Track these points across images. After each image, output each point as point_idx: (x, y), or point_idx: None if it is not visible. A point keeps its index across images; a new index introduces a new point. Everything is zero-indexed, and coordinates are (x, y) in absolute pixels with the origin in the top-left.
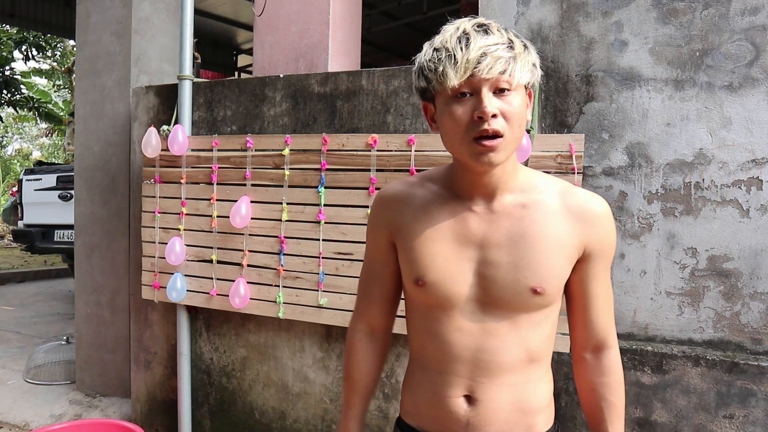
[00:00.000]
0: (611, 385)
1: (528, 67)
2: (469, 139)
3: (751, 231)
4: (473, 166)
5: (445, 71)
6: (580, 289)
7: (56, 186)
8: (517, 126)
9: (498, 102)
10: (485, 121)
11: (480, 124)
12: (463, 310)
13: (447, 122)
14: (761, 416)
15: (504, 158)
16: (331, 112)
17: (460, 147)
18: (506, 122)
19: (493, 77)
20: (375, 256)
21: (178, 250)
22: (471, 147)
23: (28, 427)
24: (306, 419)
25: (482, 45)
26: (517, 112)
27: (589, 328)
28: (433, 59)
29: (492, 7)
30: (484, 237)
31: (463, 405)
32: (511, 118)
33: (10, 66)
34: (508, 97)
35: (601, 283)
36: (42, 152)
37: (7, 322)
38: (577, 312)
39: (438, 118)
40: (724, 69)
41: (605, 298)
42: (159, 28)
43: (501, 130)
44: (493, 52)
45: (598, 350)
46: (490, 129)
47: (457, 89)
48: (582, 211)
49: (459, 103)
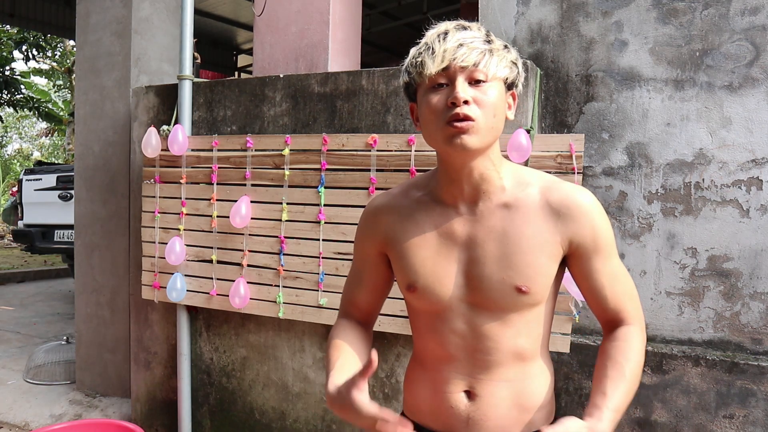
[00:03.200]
0: (621, 347)
1: (505, 62)
2: (442, 123)
3: (751, 231)
4: (449, 153)
5: (423, 61)
6: (584, 283)
7: (56, 186)
8: (491, 115)
9: (472, 91)
10: (457, 106)
11: (452, 109)
12: (456, 312)
13: (425, 111)
14: (761, 416)
15: (478, 144)
16: (331, 112)
17: (435, 133)
18: (480, 109)
19: (468, 66)
20: (362, 266)
21: (178, 250)
22: (444, 130)
23: (28, 427)
24: (306, 419)
25: (460, 37)
26: (492, 101)
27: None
28: (414, 56)
29: (492, 7)
30: (469, 238)
31: (464, 400)
32: (485, 106)
33: (10, 66)
34: (484, 87)
35: (604, 273)
36: (42, 152)
37: (7, 322)
38: (590, 302)
39: (419, 111)
40: (724, 69)
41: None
42: (159, 28)
43: (472, 115)
44: (469, 43)
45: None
46: (461, 113)
47: (434, 79)
48: (563, 205)
49: (436, 93)
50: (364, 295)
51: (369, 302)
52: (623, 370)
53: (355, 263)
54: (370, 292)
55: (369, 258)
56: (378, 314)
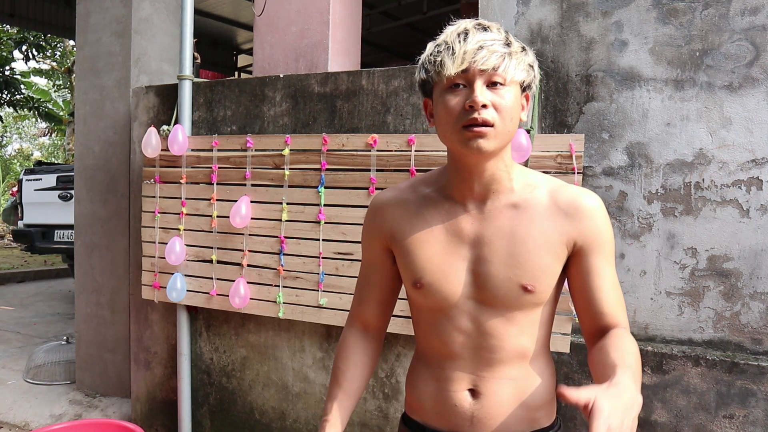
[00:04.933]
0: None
1: (523, 66)
2: (459, 126)
3: (751, 231)
4: (463, 154)
5: (443, 61)
6: (580, 283)
7: (56, 186)
8: (508, 119)
9: (490, 94)
10: (476, 110)
11: (471, 112)
12: (461, 309)
13: (441, 111)
14: (761, 416)
15: (493, 148)
16: (331, 112)
17: (451, 135)
18: (497, 114)
19: (487, 69)
20: (370, 262)
21: (178, 250)
22: (461, 134)
23: (28, 427)
24: (306, 419)
25: (480, 39)
26: (510, 106)
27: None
28: (433, 53)
29: (492, 7)
30: (477, 236)
31: (468, 398)
32: (503, 110)
33: (10, 66)
34: (501, 90)
35: (602, 276)
36: (42, 152)
37: (7, 322)
38: (582, 306)
39: (434, 109)
40: (724, 69)
41: (608, 290)
42: (159, 28)
43: (491, 120)
44: (489, 46)
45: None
46: (479, 118)
47: (452, 79)
48: (570, 206)
49: (453, 94)
50: (374, 295)
51: (380, 302)
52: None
53: (363, 262)
54: (380, 292)
55: (375, 254)
56: (390, 316)
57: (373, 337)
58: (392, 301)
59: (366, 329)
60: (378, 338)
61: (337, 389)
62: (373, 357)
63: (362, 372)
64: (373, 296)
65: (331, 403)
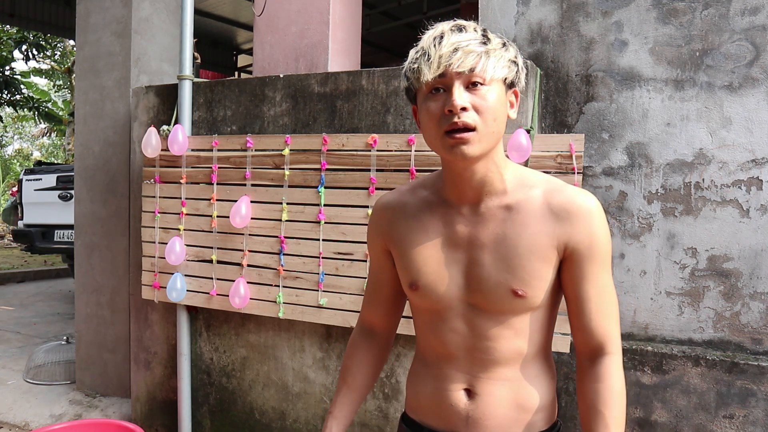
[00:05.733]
0: (602, 393)
1: (504, 62)
2: (441, 132)
3: (751, 231)
4: (450, 160)
5: (420, 68)
6: (571, 290)
7: (56, 186)
8: (491, 120)
9: (470, 96)
10: (455, 114)
11: (451, 117)
12: (455, 311)
13: (423, 118)
14: (761, 416)
15: (479, 152)
16: (331, 112)
17: (435, 141)
18: (479, 116)
19: (464, 71)
20: (375, 263)
21: (178, 250)
22: (443, 140)
23: (28, 427)
24: (306, 419)
25: (455, 41)
26: (491, 106)
27: (585, 332)
28: (412, 60)
29: (492, 7)
30: (471, 239)
31: (463, 398)
32: (484, 111)
33: (10, 66)
34: (482, 91)
35: (594, 284)
36: (42, 152)
37: (7, 322)
38: (573, 315)
39: (419, 116)
40: (724, 69)
41: (600, 301)
42: (159, 28)
43: (472, 123)
44: (465, 47)
45: (595, 356)
46: (459, 122)
47: (431, 85)
48: (563, 208)
49: (433, 99)
50: (380, 296)
51: (385, 303)
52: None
53: (370, 265)
54: (385, 293)
55: (378, 256)
56: (398, 317)
57: (381, 337)
58: (399, 301)
59: (373, 329)
60: (385, 338)
61: (343, 386)
62: (379, 356)
63: (368, 370)
64: (379, 297)
65: (336, 399)
